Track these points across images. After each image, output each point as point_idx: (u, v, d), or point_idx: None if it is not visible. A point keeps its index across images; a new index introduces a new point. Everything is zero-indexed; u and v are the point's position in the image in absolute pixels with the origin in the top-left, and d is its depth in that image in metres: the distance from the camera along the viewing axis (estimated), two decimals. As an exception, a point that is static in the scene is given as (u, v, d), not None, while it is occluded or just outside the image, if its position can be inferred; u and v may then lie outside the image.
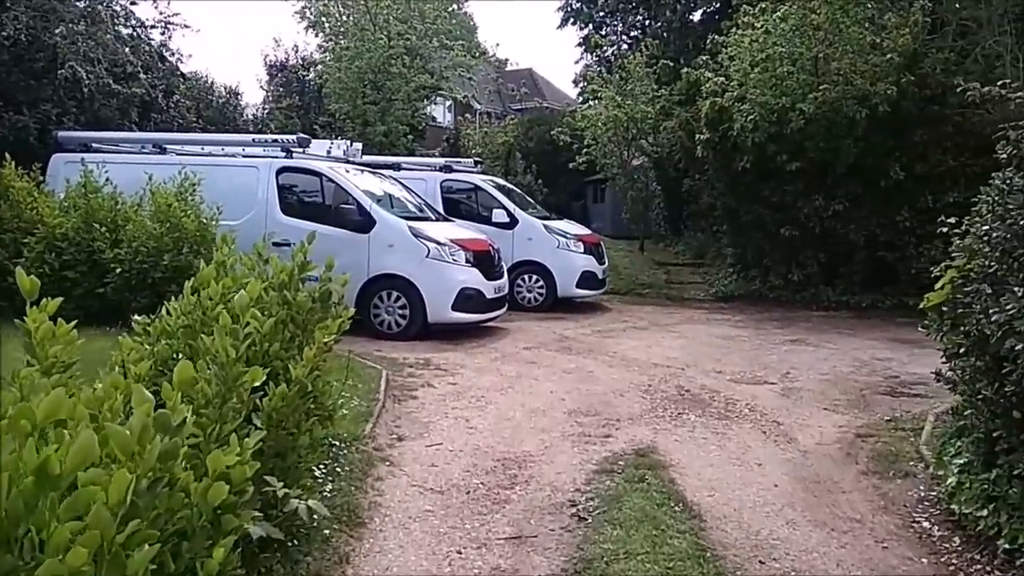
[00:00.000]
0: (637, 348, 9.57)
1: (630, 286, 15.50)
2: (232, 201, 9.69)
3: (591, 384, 7.48)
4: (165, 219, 8.10)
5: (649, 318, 12.36)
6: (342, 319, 3.61)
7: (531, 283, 12.76)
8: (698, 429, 6.02)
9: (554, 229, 13.00)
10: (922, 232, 13.22)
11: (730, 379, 7.96)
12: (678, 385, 7.56)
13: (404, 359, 8.21)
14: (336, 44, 19.59)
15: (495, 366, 8.19)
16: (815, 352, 9.57)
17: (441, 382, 7.24)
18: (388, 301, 9.56)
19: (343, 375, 6.59)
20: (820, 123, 12.83)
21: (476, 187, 13.47)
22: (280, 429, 2.81)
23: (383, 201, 10.24)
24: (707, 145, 14.20)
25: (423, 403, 6.47)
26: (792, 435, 5.91)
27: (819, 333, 11.07)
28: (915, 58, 12.76)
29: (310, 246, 3.74)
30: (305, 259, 3.56)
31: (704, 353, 9.35)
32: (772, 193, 13.82)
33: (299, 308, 3.29)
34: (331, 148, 11.28)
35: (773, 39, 12.75)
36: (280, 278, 3.32)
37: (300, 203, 10.20)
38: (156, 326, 3.12)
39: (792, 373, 8.28)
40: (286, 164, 9.99)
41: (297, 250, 3.65)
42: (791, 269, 13.99)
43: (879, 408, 6.84)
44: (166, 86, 17.33)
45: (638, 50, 18.77)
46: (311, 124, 19.81)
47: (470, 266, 9.81)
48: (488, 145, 23.01)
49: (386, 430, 5.61)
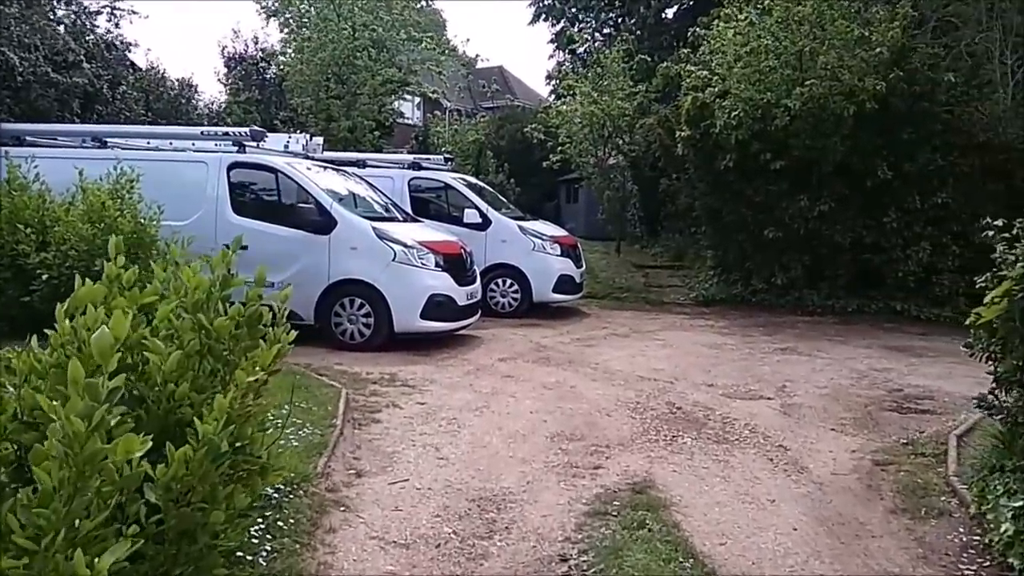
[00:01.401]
0: (620, 359, 8.90)
1: (608, 290, 14.85)
2: (179, 200, 8.86)
3: (574, 402, 6.79)
4: (98, 219, 7.24)
5: (630, 324, 11.72)
6: (280, 345, 2.86)
7: (505, 287, 12.04)
8: (697, 456, 5.36)
9: (529, 230, 12.29)
10: (909, 234, 12.83)
11: (723, 394, 7.32)
12: (668, 401, 6.91)
13: (367, 374, 7.45)
14: (298, 35, 18.64)
15: (468, 381, 7.45)
16: (809, 362, 8.99)
17: (408, 401, 6.49)
18: (351, 309, 8.78)
19: (296, 396, 5.84)
20: (806, 120, 12.29)
21: (447, 186, 12.71)
22: (184, 505, 2.08)
23: (346, 200, 9.46)
24: (688, 143, 13.60)
25: (387, 428, 5.72)
26: (802, 462, 5.27)
27: (808, 340, 10.51)
28: (903, 53, 12.28)
29: (235, 255, 2.99)
30: (229, 271, 2.80)
31: (692, 364, 8.71)
32: (755, 193, 13.26)
33: (219, 335, 2.54)
34: (289, 143, 10.48)
35: (757, 31, 12.18)
36: (195, 297, 2.57)
37: (254, 202, 9.38)
38: (24, 360, 2.36)
39: (788, 386, 7.67)
40: (238, 159, 9.16)
41: (217, 259, 2.89)
42: (775, 272, 13.45)
43: (890, 428, 6.24)
44: (112, 76, 16.22)
45: (614, 45, 18.12)
46: (271, 119, 18.89)
47: (440, 270, 9.06)
48: (459, 143, 22.24)
49: (343, 464, 4.85)
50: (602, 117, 16.61)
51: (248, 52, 24.06)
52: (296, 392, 5.99)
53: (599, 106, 16.49)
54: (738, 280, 14.18)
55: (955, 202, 12.50)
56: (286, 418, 5.03)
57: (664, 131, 15.22)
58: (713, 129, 12.92)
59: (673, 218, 18.79)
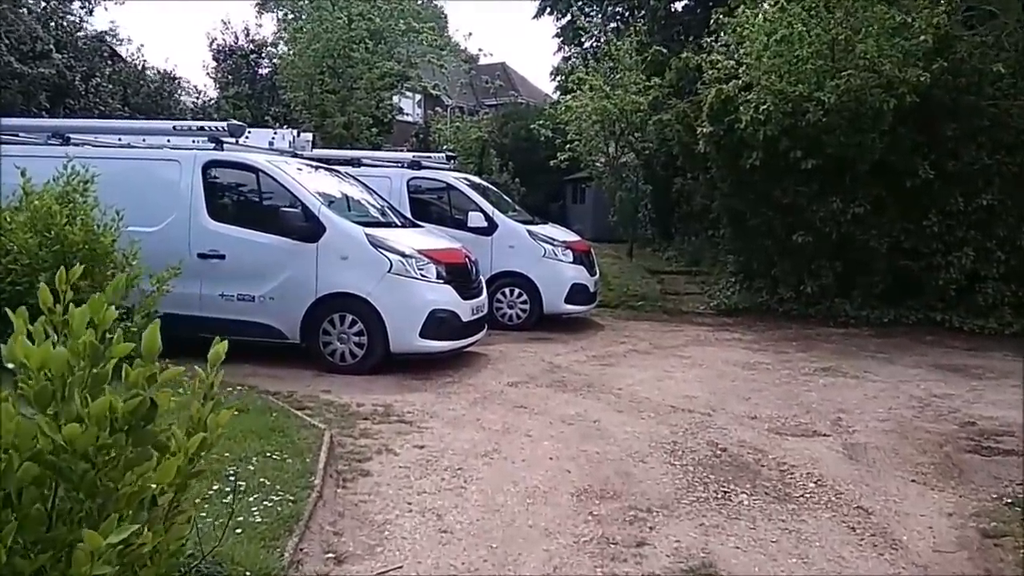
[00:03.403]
0: (645, 382, 7.88)
1: (621, 297, 13.80)
2: (148, 203, 7.90)
3: (600, 442, 5.77)
4: (44, 228, 6.21)
5: (650, 338, 10.68)
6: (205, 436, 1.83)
7: (513, 298, 11.01)
8: (760, 523, 4.34)
9: (539, 235, 11.25)
10: (951, 238, 11.80)
11: (771, 429, 6.31)
12: (710, 440, 5.89)
13: (358, 406, 6.43)
14: (290, 25, 17.59)
15: (475, 414, 6.43)
16: (858, 386, 7.96)
17: (404, 444, 5.47)
18: (341, 326, 7.76)
19: (269, 442, 4.83)
20: (841, 114, 11.24)
21: (449, 186, 11.67)
22: None
23: (337, 204, 8.44)
24: (710, 140, 12.55)
25: (378, 484, 4.69)
26: (892, 532, 4.25)
27: (850, 358, 9.48)
28: (947, 41, 11.23)
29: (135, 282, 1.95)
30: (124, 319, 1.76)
31: (727, 389, 7.70)
32: (783, 194, 12.22)
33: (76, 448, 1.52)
34: (274, 139, 9.43)
35: (788, 17, 11.12)
36: (40, 384, 1.54)
37: (233, 205, 8.39)
38: None
39: (844, 419, 6.66)
40: (215, 158, 8.13)
41: (98, 300, 1.82)
42: (803, 280, 12.41)
43: (979, 477, 5.24)
44: (87, 68, 15.10)
45: (627, 35, 17.07)
46: (263, 115, 17.84)
47: (442, 282, 8.03)
48: (461, 141, 21.25)
49: (320, 544, 3.82)
50: (615, 112, 15.56)
51: (239, 44, 22.96)
52: (270, 436, 5.01)
53: (611, 100, 15.44)
54: (763, 288, 13.14)
55: (1001, 204, 11.50)
56: (256, 475, 4.04)
57: (683, 127, 14.18)
58: (738, 125, 11.87)
59: (688, 220, 17.78)
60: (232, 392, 6.11)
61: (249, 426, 5.12)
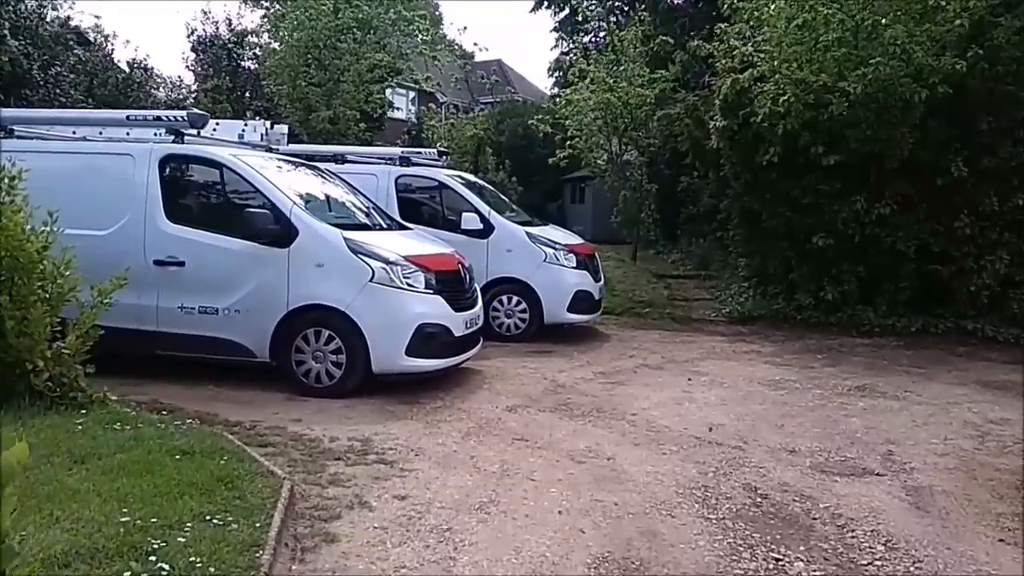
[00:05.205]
0: (662, 405, 6.96)
1: (627, 304, 12.88)
2: (98, 203, 7.07)
3: (617, 487, 4.83)
4: (-41, 231, 5.28)
5: (661, 351, 9.76)
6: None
7: (511, 306, 10.07)
8: (829, 608, 3.41)
9: (539, 238, 10.31)
10: (984, 241, 10.91)
11: (813, 466, 5.39)
12: (747, 484, 4.97)
13: (331, 441, 5.48)
14: (273, 14, 16.63)
15: (468, 449, 5.50)
16: (902, 409, 7.05)
17: (382, 495, 4.52)
18: (317, 343, 6.81)
19: (216, 498, 3.89)
20: (867, 107, 10.34)
21: (441, 185, 10.71)
22: None
23: (313, 204, 7.50)
24: (723, 134, 11.64)
25: (345, 555, 3.75)
26: (999, 623, 3.33)
27: (884, 374, 8.57)
28: (983, 27, 10.33)
29: None
30: None
31: (755, 414, 6.77)
32: (802, 193, 11.30)
33: None
34: (244, 131, 8.53)
35: (811, 0, 10.21)
36: None
37: (194, 205, 7.46)
38: None
39: (896, 452, 5.74)
40: (173, 151, 7.19)
41: None
42: (823, 286, 11.49)
43: (1078, 534, 4.31)
44: (48, 56, 14.06)
45: (632, 25, 16.14)
46: (244, 109, 16.86)
47: (432, 293, 7.09)
48: (455, 139, 20.30)
49: (259, 657, 2.88)
50: (618, 106, 14.63)
51: (219, 34, 21.81)
52: (214, 491, 4.06)
53: (615, 93, 14.52)
54: (779, 294, 12.22)
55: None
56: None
57: (693, 121, 13.27)
58: (754, 118, 10.96)
59: (694, 221, 16.89)
60: (180, 427, 5.17)
61: (190, 476, 4.17)
